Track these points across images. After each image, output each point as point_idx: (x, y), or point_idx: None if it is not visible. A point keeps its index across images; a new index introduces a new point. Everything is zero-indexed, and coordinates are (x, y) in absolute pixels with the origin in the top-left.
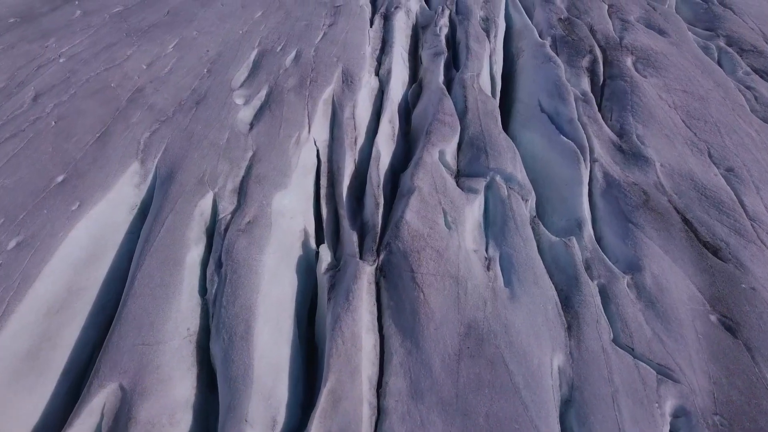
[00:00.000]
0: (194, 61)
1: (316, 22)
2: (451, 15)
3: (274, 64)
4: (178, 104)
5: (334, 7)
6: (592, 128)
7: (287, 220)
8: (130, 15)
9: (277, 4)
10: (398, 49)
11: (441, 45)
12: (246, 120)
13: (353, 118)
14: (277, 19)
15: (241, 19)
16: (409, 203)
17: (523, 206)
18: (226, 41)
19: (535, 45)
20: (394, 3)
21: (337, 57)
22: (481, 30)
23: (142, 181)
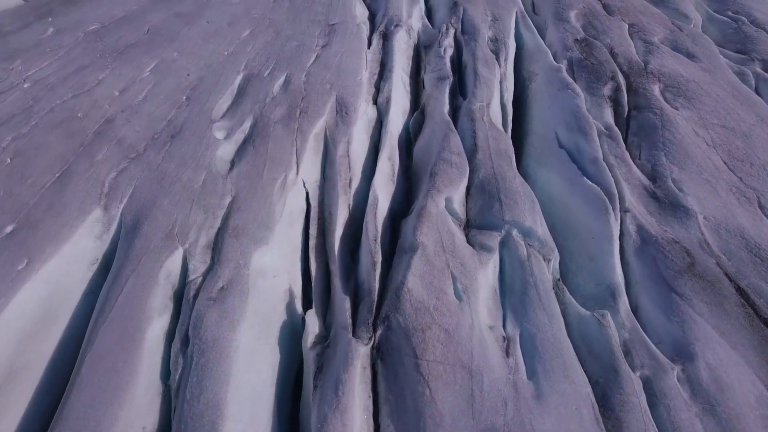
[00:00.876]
0: (172, 87)
1: (309, 43)
2: (456, 34)
3: (261, 90)
4: (150, 138)
5: (328, 25)
6: (620, 170)
7: (269, 280)
8: (107, 33)
9: (266, 21)
10: (398, 73)
11: (445, 68)
12: (226, 157)
13: (348, 156)
14: (266, 39)
15: (227, 38)
16: (412, 265)
17: (545, 269)
18: (209, 64)
19: (549, 69)
20: (394, 21)
21: (330, 84)
22: (490, 52)
23: (104, 231)
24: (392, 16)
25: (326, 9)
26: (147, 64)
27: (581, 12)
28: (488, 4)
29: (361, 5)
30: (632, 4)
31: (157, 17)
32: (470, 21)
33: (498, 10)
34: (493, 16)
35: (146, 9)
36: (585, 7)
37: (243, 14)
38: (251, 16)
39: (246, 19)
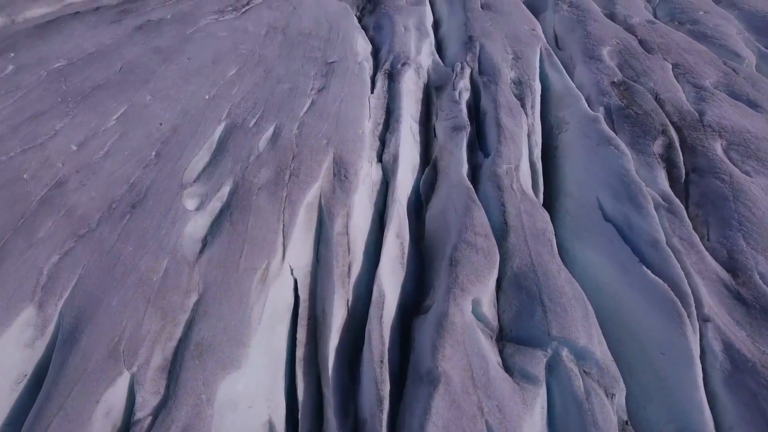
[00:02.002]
0: (141, 139)
1: (303, 85)
2: (472, 74)
3: (245, 145)
4: (107, 207)
5: (326, 63)
6: (689, 258)
7: (241, 413)
8: (73, 72)
9: (255, 58)
10: (407, 121)
11: (461, 116)
12: (196, 236)
13: (347, 234)
14: (254, 80)
15: (210, 78)
16: (432, 410)
17: (609, 410)
18: (187, 110)
19: (584, 118)
20: (401, 58)
21: (327, 138)
22: (514, 98)
23: (37, 336)
24: (399, 52)
25: (324, 44)
26: (114, 110)
27: (615, 49)
28: (508, 39)
29: (364, 39)
30: (673, 40)
31: (132, 53)
32: (489, 59)
33: (519, 46)
34: (514, 54)
35: (121, 43)
36: (619, 43)
37: (230, 49)
38: (239, 51)
39: (233, 56)
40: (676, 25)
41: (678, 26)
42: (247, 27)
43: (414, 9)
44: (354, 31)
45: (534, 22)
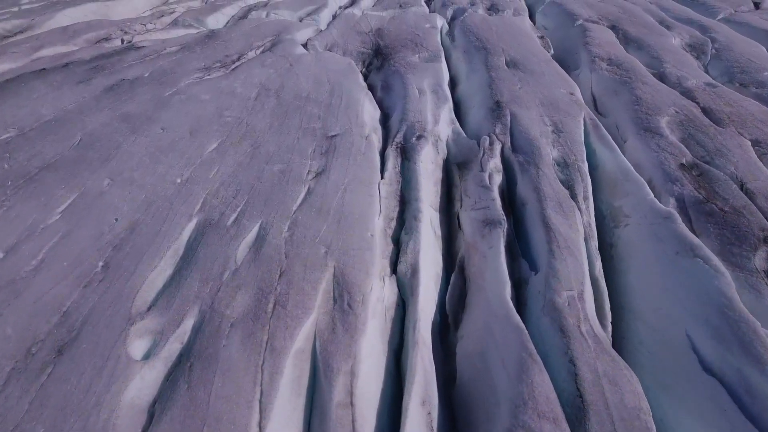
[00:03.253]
0: (87, 243)
1: (298, 167)
2: (504, 151)
3: (219, 254)
4: (24, 354)
5: (326, 137)
6: None
7: None
8: (21, 146)
9: (242, 129)
10: (427, 216)
11: (494, 207)
12: (140, 403)
13: (351, 405)
14: (238, 158)
15: (184, 156)
16: None
17: None
18: (152, 200)
19: (652, 214)
20: (416, 129)
21: (326, 245)
22: (561, 185)
23: None
24: (413, 122)
25: (324, 111)
26: (61, 200)
27: (675, 119)
28: (544, 107)
29: (371, 103)
30: (745, 108)
31: (96, 121)
32: (523, 132)
33: (559, 115)
34: (554, 125)
35: (85, 108)
36: (678, 112)
37: (212, 117)
38: (223, 119)
39: (215, 125)
40: (738, 87)
41: (740, 89)
42: (234, 88)
43: (429, 67)
44: (360, 93)
45: (571, 83)
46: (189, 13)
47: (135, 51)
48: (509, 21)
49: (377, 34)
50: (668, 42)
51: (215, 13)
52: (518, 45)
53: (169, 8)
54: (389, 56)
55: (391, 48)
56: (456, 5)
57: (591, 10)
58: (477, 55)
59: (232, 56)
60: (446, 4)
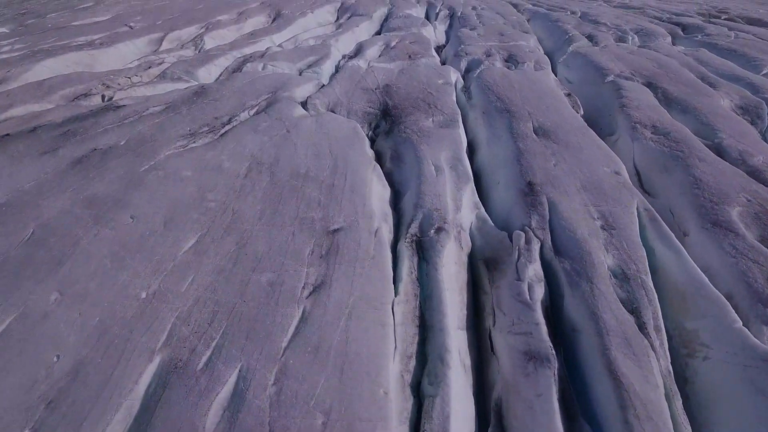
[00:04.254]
0: (13, 399)
1: (291, 278)
2: (544, 250)
3: (182, 418)
4: None
5: (327, 233)
6: None
7: None
8: None
9: (227, 218)
10: (455, 348)
11: (539, 335)
12: None
13: None
14: (219, 261)
15: (155, 257)
16: None
17: None
18: (107, 325)
19: (745, 352)
20: (434, 218)
21: (325, 412)
22: (624, 310)
23: None
24: (430, 209)
25: (326, 195)
26: None
27: (749, 211)
28: (587, 193)
29: (379, 182)
30: None
31: (55, 206)
32: (567, 228)
33: (607, 204)
34: (603, 219)
35: (45, 188)
36: (752, 201)
37: (193, 200)
38: (205, 204)
39: (195, 213)
40: None
41: None
42: (221, 162)
43: (445, 135)
44: (367, 169)
45: (615, 159)
46: (179, 65)
47: (113, 112)
48: (532, 77)
49: (385, 91)
50: (717, 104)
51: (207, 65)
52: (546, 107)
53: (159, 58)
54: (399, 119)
55: (400, 109)
56: (470, 56)
57: (622, 64)
58: (499, 118)
59: (222, 118)
60: (459, 54)
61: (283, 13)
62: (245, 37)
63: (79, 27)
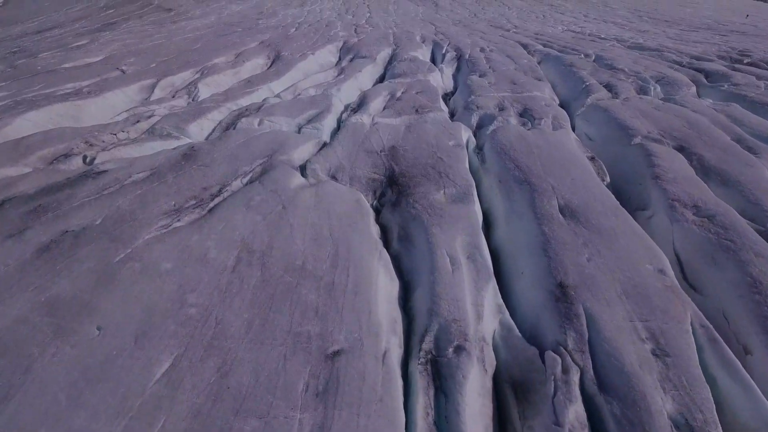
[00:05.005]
0: None
1: (280, 428)
2: (584, 382)
3: None
4: None
5: (325, 357)
6: None
7: None
8: None
9: (209, 332)
10: None
11: None
12: None
13: None
14: (195, 398)
15: (120, 389)
16: None
17: None
18: None
19: None
20: (452, 334)
21: None
22: None
23: None
24: (447, 319)
25: (324, 298)
26: None
27: None
28: (629, 300)
29: (387, 274)
30: None
31: (11, 312)
32: (611, 353)
33: (655, 317)
34: (652, 339)
35: (3, 285)
36: None
37: (171, 306)
38: (184, 311)
39: (173, 323)
40: None
41: None
42: (207, 250)
43: (459, 213)
44: (371, 259)
45: (657, 253)
46: (170, 119)
47: (92, 180)
48: (551, 139)
49: (391, 154)
50: (761, 176)
51: (200, 119)
52: (571, 179)
53: (148, 110)
54: (407, 189)
55: (408, 177)
56: (482, 110)
57: (648, 123)
58: (518, 190)
59: (212, 189)
60: (470, 107)
61: (283, 55)
62: (242, 85)
63: (69, 71)
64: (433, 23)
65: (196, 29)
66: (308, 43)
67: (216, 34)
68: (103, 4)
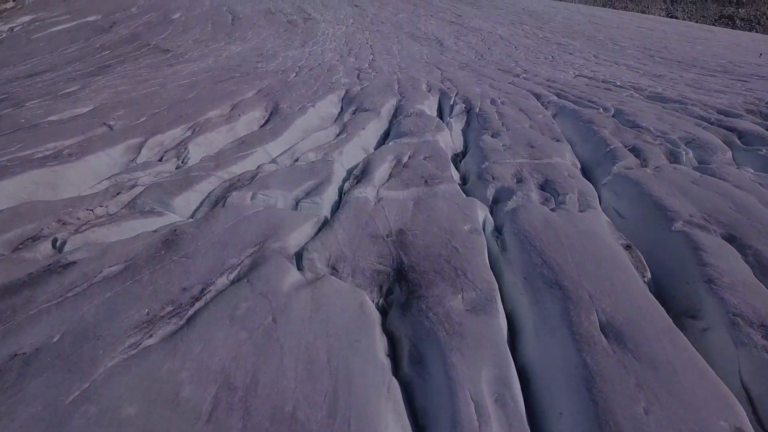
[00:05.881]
0: None
1: None
2: None
3: None
4: None
5: None
6: None
7: None
8: None
9: None
10: None
11: None
12: None
13: None
14: None
15: None
16: None
17: None
18: None
19: None
20: None
21: None
22: None
23: None
24: None
25: None
26: None
27: None
28: None
29: (398, 423)
30: None
31: None
32: None
33: None
34: None
35: None
36: None
37: None
38: None
39: None
40: None
41: None
42: (180, 383)
43: (481, 331)
44: (378, 400)
45: (730, 402)
46: (153, 190)
47: (57, 277)
48: (581, 226)
49: (399, 240)
50: None
51: (186, 191)
52: (611, 285)
53: (132, 178)
54: (418, 288)
55: (419, 272)
56: (498, 181)
57: (688, 202)
58: (549, 296)
59: (193, 289)
60: (484, 177)
61: (281, 107)
62: (235, 146)
63: (54, 126)
64: (439, 67)
65: (192, 74)
66: (308, 93)
67: (212, 81)
68: (99, 44)
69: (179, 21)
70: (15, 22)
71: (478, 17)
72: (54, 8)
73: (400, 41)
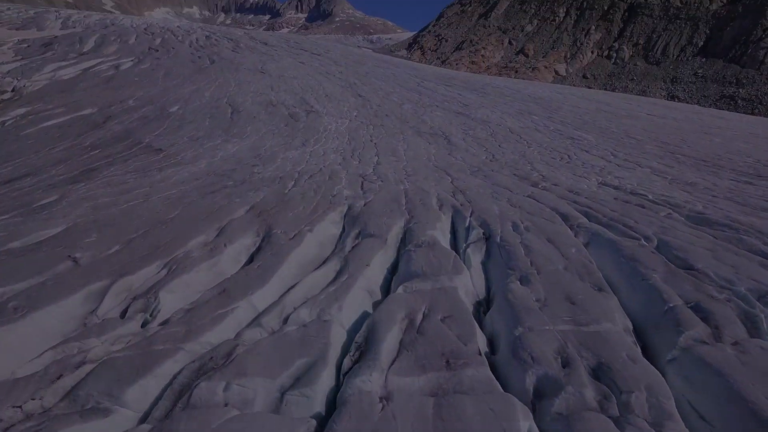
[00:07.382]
0: None
1: None
2: None
3: None
4: None
5: None
6: None
7: None
8: None
9: None
10: None
11: None
12: None
13: None
14: None
15: None
16: None
17: None
18: None
19: None
20: None
21: None
22: None
23: None
24: None
25: None
26: None
27: None
28: None
29: None
30: None
31: None
32: None
33: None
34: None
35: None
36: None
37: None
38: None
39: None
40: None
41: None
42: None
43: None
44: None
45: None
46: (104, 372)
47: None
48: None
49: None
50: None
51: (145, 377)
52: None
53: (83, 348)
54: None
55: None
56: (538, 365)
57: None
58: None
59: None
60: (520, 354)
61: (274, 233)
62: (214, 299)
63: (10, 258)
64: (448, 173)
65: (180, 182)
66: (306, 211)
67: (201, 192)
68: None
69: (176, 115)
70: (8, 115)
71: (485, 107)
72: (51, 100)
73: (405, 138)
